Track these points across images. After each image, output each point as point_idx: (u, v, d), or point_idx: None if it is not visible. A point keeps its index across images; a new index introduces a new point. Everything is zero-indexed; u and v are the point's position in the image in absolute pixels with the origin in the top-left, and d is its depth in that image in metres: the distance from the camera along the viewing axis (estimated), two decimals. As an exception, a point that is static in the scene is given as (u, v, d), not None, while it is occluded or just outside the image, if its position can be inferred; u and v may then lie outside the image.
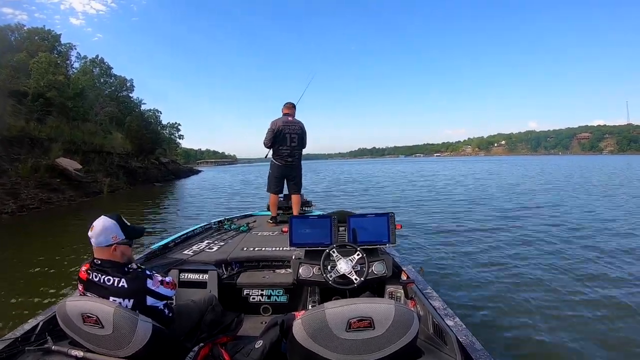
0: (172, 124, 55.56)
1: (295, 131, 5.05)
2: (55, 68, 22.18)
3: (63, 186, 15.70)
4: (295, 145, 5.09)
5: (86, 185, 17.49)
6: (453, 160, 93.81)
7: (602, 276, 5.03)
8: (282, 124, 4.99)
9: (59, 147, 18.00)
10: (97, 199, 17.46)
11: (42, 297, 4.74)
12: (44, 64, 21.33)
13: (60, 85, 21.25)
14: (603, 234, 7.52)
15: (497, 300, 4.37)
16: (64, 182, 16.00)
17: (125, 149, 28.39)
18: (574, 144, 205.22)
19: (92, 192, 17.70)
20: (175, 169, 40.17)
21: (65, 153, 18.16)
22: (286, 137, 5.01)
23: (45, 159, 16.22)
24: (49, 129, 18.97)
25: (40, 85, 20.44)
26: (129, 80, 41.34)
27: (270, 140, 5.05)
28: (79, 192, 16.49)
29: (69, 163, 16.71)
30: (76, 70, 32.09)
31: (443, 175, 31.45)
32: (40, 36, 28.10)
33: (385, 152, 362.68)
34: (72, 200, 15.37)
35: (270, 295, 2.95)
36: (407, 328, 1.52)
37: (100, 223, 1.84)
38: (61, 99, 21.14)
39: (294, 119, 5.16)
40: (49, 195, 14.30)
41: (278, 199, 5.26)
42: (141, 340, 1.64)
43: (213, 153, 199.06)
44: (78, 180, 16.77)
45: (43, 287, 5.12)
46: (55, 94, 20.71)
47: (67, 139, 19.93)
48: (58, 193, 15.02)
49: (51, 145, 17.65)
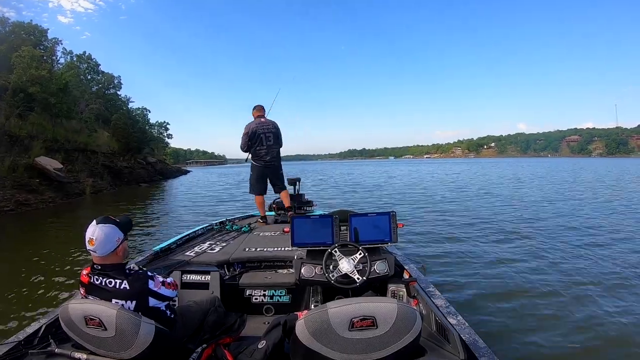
0: (160, 122, 54.62)
1: (269, 130, 5.21)
2: (39, 63, 21.25)
3: (42, 187, 14.95)
4: (271, 144, 5.21)
5: (67, 186, 16.73)
6: (446, 162, 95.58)
7: (603, 277, 5.02)
8: (256, 126, 5.17)
9: (40, 145, 17.28)
10: (79, 200, 16.75)
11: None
12: (26, 58, 20.40)
13: (43, 80, 20.34)
14: (605, 235, 7.54)
15: (500, 298, 4.39)
16: (44, 182, 15.26)
17: (111, 147, 27.59)
18: (563, 147, 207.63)
19: (74, 194, 16.96)
20: (163, 169, 39.30)
21: (47, 151, 17.45)
22: (261, 137, 5.16)
23: (25, 157, 15.50)
24: (31, 126, 18.22)
25: (23, 80, 19.58)
26: (117, 78, 40.63)
27: (246, 143, 5.21)
28: (59, 193, 15.75)
29: (48, 162, 15.92)
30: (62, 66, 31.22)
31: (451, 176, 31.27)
32: (26, 31, 27.13)
33: (375, 154, 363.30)
34: (51, 202, 14.62)
35: (272, 296, 2.97)
36: (409, 327, 1.51)
37: (101, 233, 1.77)
38: (44, 94, 20.25)
39: (267, 119, 5.34)
40: (26, 197, 13.56)
41: (264, 198, 5.37)
42: (144, 342, 1.63)
43: (202, 153, 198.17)
44: (58, 181, 16.01)
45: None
46: (38, 90, 19.82)
47: (49, 136, 19.16)
48: (36, 194, 14.26)
49: (32, 143, 16.90)
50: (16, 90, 19.08)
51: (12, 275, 5.72)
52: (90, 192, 18.52)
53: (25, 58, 20.44)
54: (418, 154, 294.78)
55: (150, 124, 48.83)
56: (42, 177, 15.41)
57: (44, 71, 20.66)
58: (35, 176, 15.12)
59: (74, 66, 32.81)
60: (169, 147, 65.62)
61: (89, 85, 35.49)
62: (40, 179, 15.19)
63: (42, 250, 7.27)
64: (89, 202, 16.94)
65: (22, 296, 4.82)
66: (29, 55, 20.75)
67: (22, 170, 14.65)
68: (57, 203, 14.85)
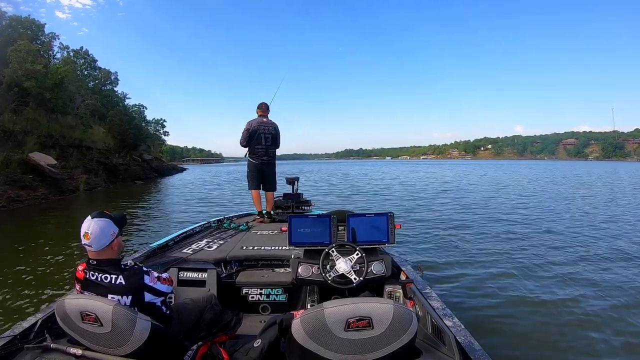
0: (157, 119, 54.14)
1: (269, 131, 5.41)
2: (35, 57, 20.98)
3: (35, 183, 14.74)
4: (269, 144, 5.44)
5: (61, 182, 16.53)
6: (445, 163, 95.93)
7: (600, 277, 5.14)
8: (257, 124, 5.35)
9: (35, 141, 17.06)
10: (72, 197, 16.51)
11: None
12: (22, 52, 20.16)
13: (38, 75, 20.09)
14: (605, 241, 7.51)
15: (496, 300, 4.40)
16: (37, 178, 15.05)
17: (106, 144, 27.37)
18: (559, 149, 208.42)
19: (68, 190, 16.75)
20: (159, 166, 38.99)
21: (41, 147, 17.22)
22: (261, 137, 5.35)
23: (18, 153, 15.28)
24: (25, 121, 17.96)
25: (18, 74, 19.34)
26: (113, 74, 40.29)
27: (245, 139, 5.38)
28: (53, 189, 15.55)
29: (42, 158, 15.71)
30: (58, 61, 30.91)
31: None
32: (24, 25, 26.78)
33: (372, 154, 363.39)
34: (44, 199, 14.40)
35: (269, 294, 2.98)
36: (405, 328, 1.51)
37: (96, 226, 1.77)
38: (39, 89, 20.01)
39: (269, 120, 5.51)
40: (18, 193, 13.34)
41: (260, 194, 5.47)
42: (140, 338, 1.63)
43: (199, 151, 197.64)
44: (52, 177, 15.81)
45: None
46: (33, 84, 19.58)
47: (44, 132, 18.93)
48: (29, 190, 14.05)
49: (26, 138, 16.68)
50: (11, 85, 18.82)
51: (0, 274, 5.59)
52: (85, 189, 18.33)
53: (22, 52, 20.18)
54: (415, 155, 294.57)
55: (146, 120, 48.53)
56: (36, 173, 15.20)
57: (40, 65, 20.43)
58: (29, 172, 14.91)
59: (71, 61, 32.44)
60: (165, 145, 65.26)
61: (85, 80, 35.12)
62: (33, 175, 14.98)
63: (33, 245, 7.19)
64: (82, 199, 16.73)
65: (11, 295, 4.73)
66: (25, 49, 20.49)
67: (16, 165, 14.44)
68: (50, 200, 14.64)
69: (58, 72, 22.79)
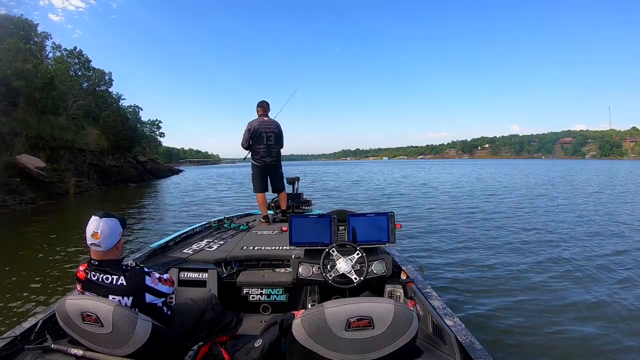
0: (152, 121, 53.74)
1: (271, 130, 5.15)
2: (25, 56, 20.39)
3: (23, 187, 14.17)
4: (272, 143, 5.18)
5: (50, 185, 15.94)
6: (444, 163, 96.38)
7: (608, 279, 5.04)
8: (258, 124, 5.12)
9: (23, 142, 16.53)
10: (62, 201, 15.95)
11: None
12: (12, 51, 19.56)
13: (28, 74, 19.47)
14: (600, 237, 7.62)
15: (497, 300, 4.39)
16: (25, 182, 14.46)
17: (99, 145, 26.75)
18: (557, 148, 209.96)
19: (57, 194, 16.19)
20: (154, 168, 38.59)
21: (30, 149, 16.71)
22: (262, 136, 5.11)
23: (6, 155, 14.72)
24: (14, 121, 17.39)
25: (7, 74, 18.65)
26: (108, 74, 39.54)
27: (247, 140, 5.16)
28: (41, 193, 14.99)
29: (30, 160, 15.14)
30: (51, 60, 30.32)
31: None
32: (16, 25, 26.07)
33: (369, 154, 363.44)
34: (31, 204, 13.83)
35: (269, 294, 2.98)
36: (406, 327, 1.49)
37: (106, 226, 1.75)
38: (28, 89, 19.39)
39: (270, 119, 5.28)
40: (4, 198, 12.78)
41: (265, 197, 5.30)
42: (140, 339, 1.61)
43: (196, 152, 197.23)
44: (40, 180, 15.21)
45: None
46: (23, 84, 18.94)
47: (34, 133, 18.34)
48: (15, 195, 13.49)
49: (14, 140, 16.11)
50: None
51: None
52: (75, 192, 17.77)
53: (11, 51, 19.58)
54: (412, 155, 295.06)
55: (141, 122, 48.10)
56: (24, 176, 14.64)
57: (29, 65, 19.86)
58: (16, 175, 14.34)
59: (62, 60, 31.83)
60: (161, 146, 64.73)
61: (78, 81, 34.49)
62: (21, 178, 14.42)
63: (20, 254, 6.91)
64: (72, 203, 16.14)
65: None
66: (15, 48, 19.90)
67: (3, 168, 13.87)
68: (37, 204, 14.07)
69: (48, 71, 22.19)
